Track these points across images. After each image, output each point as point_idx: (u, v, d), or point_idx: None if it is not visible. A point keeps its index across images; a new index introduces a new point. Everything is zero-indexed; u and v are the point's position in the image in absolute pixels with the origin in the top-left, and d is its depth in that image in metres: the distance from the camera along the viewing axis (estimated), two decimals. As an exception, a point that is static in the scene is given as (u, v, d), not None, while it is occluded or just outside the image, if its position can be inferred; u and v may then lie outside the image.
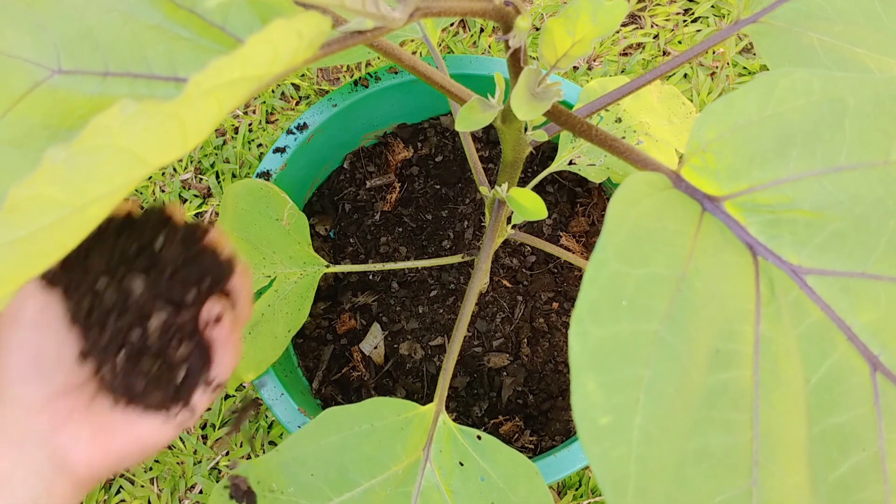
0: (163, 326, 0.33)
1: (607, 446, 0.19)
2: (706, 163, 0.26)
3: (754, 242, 0.24)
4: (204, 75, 0.13)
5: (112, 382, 0.32)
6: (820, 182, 0.24)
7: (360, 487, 0.37)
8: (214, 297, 0.34)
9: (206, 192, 0.86)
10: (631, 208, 0.23)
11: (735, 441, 0.20)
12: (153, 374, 0.32)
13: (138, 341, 0.32)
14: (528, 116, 0.28)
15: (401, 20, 0.18)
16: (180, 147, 0.14)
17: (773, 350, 0.22)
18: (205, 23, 0.24)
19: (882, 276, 0.23)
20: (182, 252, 0.34)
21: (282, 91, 0.89)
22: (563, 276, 0.68)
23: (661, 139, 0.57)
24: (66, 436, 0.32)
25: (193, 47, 0.23)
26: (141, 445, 0.33)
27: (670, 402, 0.20)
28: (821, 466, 0.21)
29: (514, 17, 0.26)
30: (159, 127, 0.13)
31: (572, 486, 0.74)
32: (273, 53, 0.15)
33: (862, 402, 0.21)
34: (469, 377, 0.65)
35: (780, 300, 0.23)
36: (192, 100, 0.13)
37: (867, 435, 0.21)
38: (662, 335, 0.21)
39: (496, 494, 0.39)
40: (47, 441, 0.31)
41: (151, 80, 0.23)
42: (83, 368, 0.32)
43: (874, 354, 0.22)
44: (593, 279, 0.21)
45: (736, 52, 0.89)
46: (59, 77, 0.23)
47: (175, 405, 0.33)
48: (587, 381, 0.20)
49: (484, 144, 0.72)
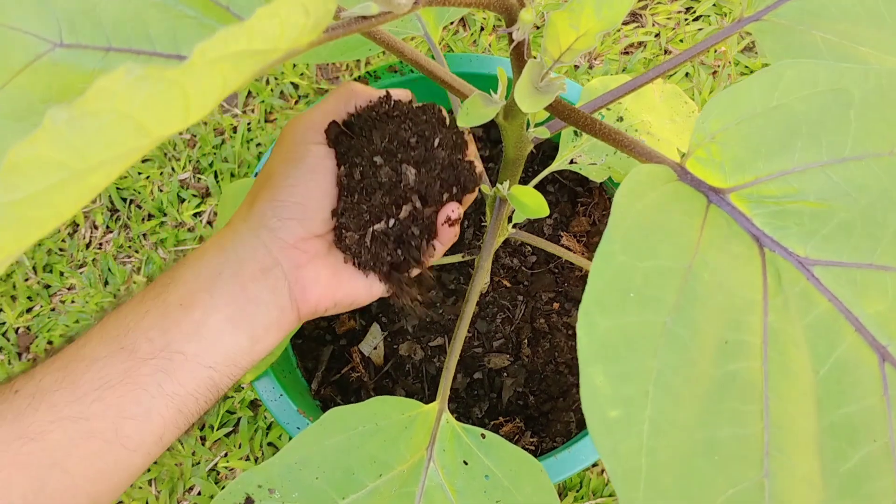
0: (411, 213, 0.37)
1: (617, 439, 0.19)
2: (711, 155, 0.25)
3: (760, 234, 0.24)
4: (210, 44, 0.13)
5: (351, 246, 0.37)
6: (825, 173, 0.24)
7: (365, 489, 0.37)
8: (455, 201, 0.38)
9: (205, 192, 0.86)
10: (637, 201, 0.23)
11: (746, 432, 0.20)
12: (387, 252, 0.37)
13: (388, 219, 0.37)
14: (531, 109, 0.28)
15: (406, 6, 0.18)
16: (182, 118, 0.14)
17: (782, 341, 0.21)
18: (209, 1, 0.24)
19: (889, 267, 0.23)
20: (450, 154, 0.38)
21: (280, 90, 0.89)
22: (563, 277, 0.68)
23: (663, 138, 0.57)
24: (308, 274, 0.36)
25: (197, 25, 0.23)
26: (353, 298, 0.38)
27: (679, 394, 0.20)
28: (831, 458, 0.20)
29: (518, 9, 0.26)
30: (162, 94, 0.13)
31: (573, 488, 0.73)
32: (280, 28, 0.15)
33: (871, 393, 0.21)
34: (469, 378, 0.65)
35: (787, 291, 0.23)
36: (197, 68, 0.13)
37: (877, 426, 0.21)
38: (670, 326, 0.21)
39: (501, 493, 0.38)
40: (293, 274, 0.35)
41: (154, 56, 0.23)
42: (329, 222, 0.37)
43: (882, 345, 0.22)
44: (600, 271, 0.21)
45: (738, 51, 0.89)
46: (61, 50, 0.22)
47: (390, 277, 0.39)
48: (596, 373, 0.20)
49: (485, 143, 0.72)
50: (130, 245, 0.83)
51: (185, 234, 0.83)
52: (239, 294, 0.34)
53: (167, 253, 0.83)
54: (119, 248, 0.83)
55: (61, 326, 0.79)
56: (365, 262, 0.38)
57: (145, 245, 0.83)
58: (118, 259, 0.83)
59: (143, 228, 0.83)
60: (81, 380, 0.31)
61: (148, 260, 0.82)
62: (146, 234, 0.84)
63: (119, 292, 0.81)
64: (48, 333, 0.79)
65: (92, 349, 0.33)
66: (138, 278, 0.82)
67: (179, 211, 0.84)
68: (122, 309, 0.35)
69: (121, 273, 0.82)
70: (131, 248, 0.83)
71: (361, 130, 0.38)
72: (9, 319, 0.80)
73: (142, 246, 0.83)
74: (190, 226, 0.84)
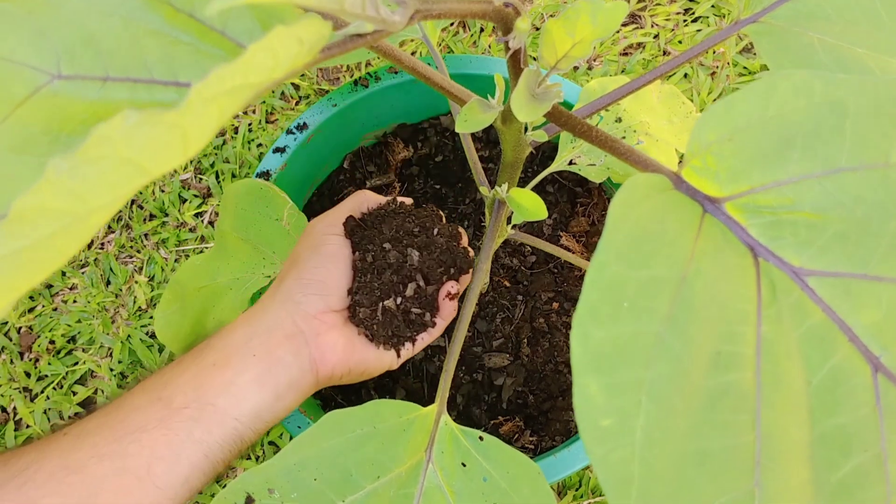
0: (416, 290, 0.44)
1: (610, 448, 0.19)
2: (707, 164, 0.26)
3: (755, 244, 0.24)
4: (205, 84, 0.13)
5: (364, 320, 0.43)
6: (821, 184, 0.24)
7: (363, 490, 0.37)
8: (453, 280, 0.46)
9: (206, 192, 0.86)
10: (631, 210, 0.23)
11: (737, 442, 0.20)
12: (395, 325, 0.44)
13: (396, 297, 0.44)
14: (528, 118, 0.28)
15: (401, 23, 0.18)
16: (181, 155, 0.14)
17: (775, 351, 0.22)
18: (205, 27, 0.24)
19: (883, 278, 0.23)
20: (447, 241, 0.46)
21: (282, 91, 0.89)
22: (563, 276, 0.68)
23: (662, 139, 0.57)
24: (327, 341, 0.41)
25: (193, 52, 0.23)
26: (365, 366, 0.43)
27: (672, 404, 0.20)
28: (823, 468, 0.21)
29: (513, 18, 0.26)
30: (161, 137, 0.13)
31: (572, 487, 0.74)
32: (274, 60, 0.15)
33: (863, 404, 0.21)
34: (469, 377, 0.65)
35: (781, 302, 0.23)
36: (194, 108, 0.13)
37: (869, 436, 0.21)
38: (664, 337, 0.21)
39: (499, 495, 0.39)
40: (314, 341, 0.40)
41: (152, 84, 0.23)
42: (346, 300, 0.43)
43: (875, 356, 0.22)
44: (594, 281, 0.21)
45: (736, 52, 0.89)
46: (60, 82, 0.23)
47: (397, 347, 0.44)
48: (589, 383, 0.20)
49: (484, 144, 0.72)
50: (132, 245, 0.84)
51: (187, 234, 0.84)
52: (266, 357, 0.39)
53: (168, 253, 0.83)
54: (121, 248, 0.84)
55: (63, 326, 0.80)
56: (376, 334, 0.43)
57: (147, 245, 0.84)
58: (120, 259, 0.83)
59: (144, 228, 0.84)
60: (121, 425, 0.35)
61: (149, 260, 0.83)
62: (148, 234, 0.84)
63: (120, 292, 0.82)
64: (50, 333, 0.79)
65: (132, 400, 0.37)
66: (140, 278, 0.82)
67: (181, 211, 0.84)
68: (162, 370, 0.40)
69: (122, 273, 0.82)
70: (133, 247, 0.84)
71: (373, 224, 0.46)
72: (11, 319, 0.80)
73: (143, 246, 0.84)
74: (191, 226, 0.84)
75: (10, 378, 0.78)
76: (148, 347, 0.79)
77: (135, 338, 0.79)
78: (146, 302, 0.81)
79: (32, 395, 0.78)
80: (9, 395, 0.77)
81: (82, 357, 0.78)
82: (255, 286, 0.56)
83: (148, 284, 0.81)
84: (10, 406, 0.77)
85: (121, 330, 0.79)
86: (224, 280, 0.56)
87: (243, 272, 0.56)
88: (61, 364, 0.78)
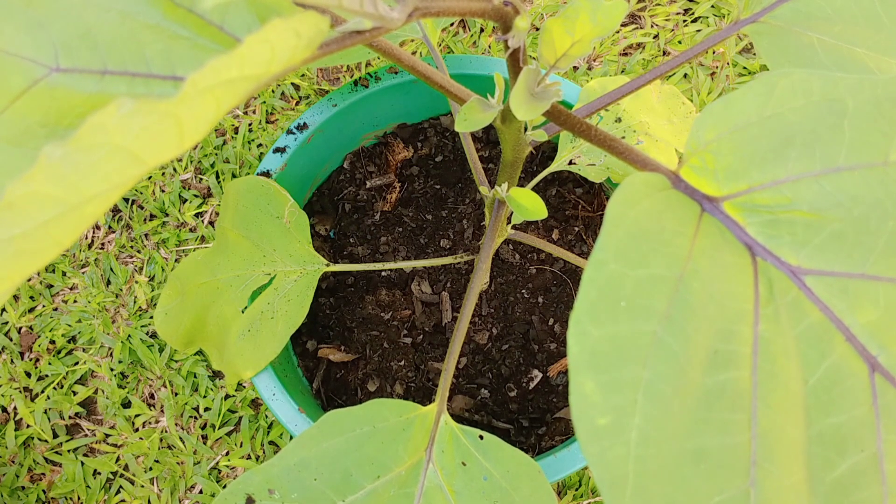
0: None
1: (605, 446, 0.19)
2: (705, 163, 0.26)
3: (753, 243, 0.24)
4: (201, 74, 0.13)
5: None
6: (819, 183, 0.24)
7: (363, 490, 0.37)
8: None
9: (206, 192, 0.86)
10: (630, 209, 0.23)
11: (733, 442, 0.20)
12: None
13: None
14: (527, 117, 0.28)
15: (399, 20, 0.18)
16: (177, 146, 0.14)
17: (772, 351, 0.22)
18: (203, 21, 0.24)
19: (881, 277, 0.23)
20: None
21: (282, 91, 0.89)
22: (562, 276, 0.68)
23: (661, 139, 0.57)
24: None
25: (192, 46, 0.23)
26: None
27: (668, 403, 0.20)
28: (819, 467, 0.21)
29: (513, 17, 0.26)
30: (156, 125, 0.13)
31: (572, 486, 0.74)
32: (271, 53, 0.15)
33: (860, 403, 0.21)
34: (469, 377, 0.65)
35: (778, 301, 0.23)
36: (190, 98, 0.13)
37: (865, 436, 0.21)
38: (661, 336, 0.21)
39: (499, 494, 0.38)
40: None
41: (150, 78, 0.23)
42: None
43: (873, 355, 0.22)
44: (592, 280, 0.21)
45: (736, 52, 0.89)
46: (57, 75, 0.23)
47: None
48: (585, 381, 0.20)
49: (484, 144, 0.72)
50: (132, 245, 0.84)
51: (187, 234, 0.84)
52: None
53: (169, 253, 0.83)
54: (121, 248, 0.84)
55: (63, 326, 0.80)
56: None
57: (147, 245, 0.84)
58: (120, 259, 0.83)
59: (145, 228, 0.84)
60: None
61: (150, 260, 0.83)
62: (148, 235, 0.84)
63: (121, 292, 0.82)
64: (50, 333, 0.80)
65: None
66: (140, 278, 0.82)
67: (181, 211, 0.85)
68: None
69: (123, 273, 0.82)
70: (133, 248, 0.84)
71: None
72: (11, 319, 0.80)
73: (144, 246, 0.84)
74: (192, 226, 0.84)
75: (11, 378, 0.78)
76: (148, 347, 0.79)
77: (135, 338, 0.79)
78: (146, 302, 0.81)
79: (33, 394, 0.78)
80: (9, 395, 0.77)
81: (83, 357, 0.79)
82: (255, 283, 0.56)
83: (148, 284, 0.82)
84: (11, 406, 0.77)
85: (121, 330, 0.80)
86: (224, 276, 0.56)
87: (244, 269, 0.56)
88: (62, 364, 0.78)
